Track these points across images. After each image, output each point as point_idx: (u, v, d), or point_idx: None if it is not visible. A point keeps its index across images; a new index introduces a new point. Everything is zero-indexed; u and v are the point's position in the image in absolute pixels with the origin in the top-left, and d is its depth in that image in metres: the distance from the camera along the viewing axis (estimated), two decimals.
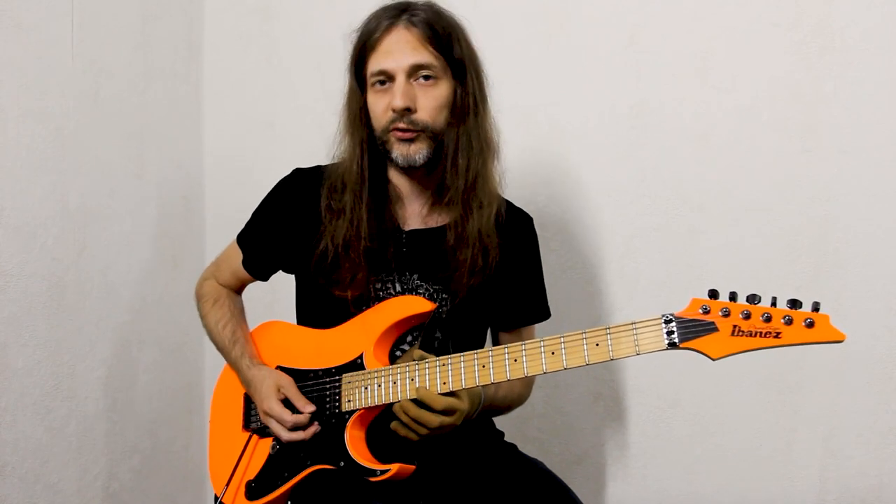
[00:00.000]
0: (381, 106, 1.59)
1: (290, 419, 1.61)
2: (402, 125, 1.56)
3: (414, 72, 1.56)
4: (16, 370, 1.94)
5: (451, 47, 1.58)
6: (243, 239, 1.81)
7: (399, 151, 1.59)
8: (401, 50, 1.55)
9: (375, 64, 1.57)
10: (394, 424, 1.52)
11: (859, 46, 1.96)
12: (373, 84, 1.60)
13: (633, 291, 2.17)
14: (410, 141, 1.58)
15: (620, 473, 2.22)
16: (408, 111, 1.56)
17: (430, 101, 1.57)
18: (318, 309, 1.72)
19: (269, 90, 2.52)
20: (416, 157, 1.58)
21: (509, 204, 1.76)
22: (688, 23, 2.09)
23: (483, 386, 1.60)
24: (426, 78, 1.57)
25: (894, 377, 1.97)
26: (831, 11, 1.98)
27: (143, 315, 2.33)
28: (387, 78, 1.57)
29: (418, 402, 1.48)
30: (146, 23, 2.32)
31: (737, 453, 2.11)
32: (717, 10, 2.06)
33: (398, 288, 1.66)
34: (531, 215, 1.79)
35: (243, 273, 1.81)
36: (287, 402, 1.63)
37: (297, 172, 1.76)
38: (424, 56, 1.55)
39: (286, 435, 1.62)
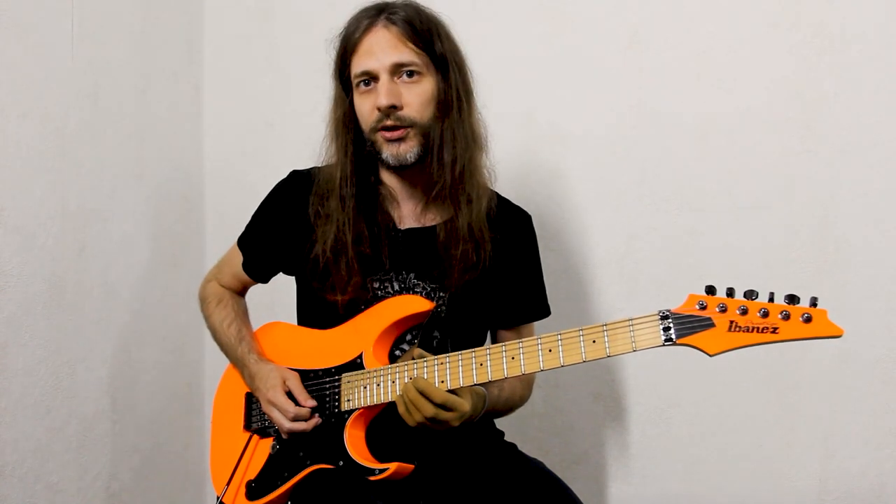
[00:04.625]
0: (367, 106, 1.59)
1: (292, 409, 1.61)
2: (389, 123, 1.57)
3: (397, 70, 1.56)
4: (16, 370, 1.94)
5: (432, 43, 1.58)
6: (243, 242, 1.82)
7: (389, 152, 1.59)
8: (382, 49, 1.55)
9: (358, 65, 1.58)
10: (396, 398, 1.52)
11: (859, 46, 1.96)
12: (357, 85, 1.60)
13: (633, 291, 2.17)
14: (400, 140, 1.58)
15: (620, 473, 2.22)
16: (394, 108, 1.56)
17: (416, 97, 1.57)
18: (316, 310, 1.72)
19: (269, 90, 2.52)
20: (407, 156, 1.59)
21: (507, 201, 1.76)
22: (688, 23, 2.09)
23: (487, 389, 1.61)
24: (409, 74, 1.57)
25: (894, 377, 1.97)
26: (831, 12, 1.98)
27: (143, 315, 2.34)
28: (370, 78, 1.57)
29: (419, 390, 1.48)
30: (146, 23, 2.32)
31: (737, 453, 2.10)
32: (717, 10, 2.06)
33: (396, 287, 1.66)
34: (530, 214, 1.79)
35: (244, 275, 1.82)
36: (290, 396, 1.64)
37: (294, 175, 1.77)
38: (406, 54, 1.55)
39: (288, 425, 1.61)
